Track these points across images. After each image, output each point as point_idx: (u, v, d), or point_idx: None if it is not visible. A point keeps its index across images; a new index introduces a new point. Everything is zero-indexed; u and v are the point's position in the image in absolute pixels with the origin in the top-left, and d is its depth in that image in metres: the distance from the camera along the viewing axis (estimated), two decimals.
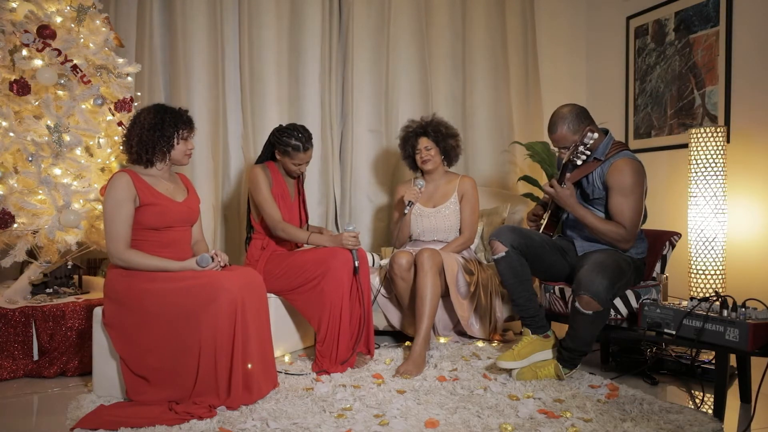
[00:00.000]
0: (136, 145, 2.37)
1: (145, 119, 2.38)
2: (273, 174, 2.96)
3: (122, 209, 2.29)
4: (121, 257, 2.29)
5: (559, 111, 2.61)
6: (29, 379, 2.67)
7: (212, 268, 2.34)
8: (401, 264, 2.93)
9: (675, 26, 3.81)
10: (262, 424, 2.06)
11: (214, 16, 3.68)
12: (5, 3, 2.89)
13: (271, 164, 2.99)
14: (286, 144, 2.87)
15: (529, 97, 4.33)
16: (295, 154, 2.88)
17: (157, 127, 2.36)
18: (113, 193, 2.30)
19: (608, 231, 2.53)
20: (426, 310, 2.77)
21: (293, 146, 2.86)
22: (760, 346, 2.14)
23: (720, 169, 3.17)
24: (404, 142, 3.32)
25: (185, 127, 2.43)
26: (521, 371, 2.50)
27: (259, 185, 2.87)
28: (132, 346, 2.27)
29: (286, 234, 2.84)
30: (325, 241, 2.80)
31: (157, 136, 2.36)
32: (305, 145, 2.88)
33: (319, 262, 2.71)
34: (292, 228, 2.86)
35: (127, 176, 2.33)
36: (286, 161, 2.92)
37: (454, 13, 4.15)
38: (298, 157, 2.89)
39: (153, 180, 2.41)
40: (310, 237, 2.82)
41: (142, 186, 2.35)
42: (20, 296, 2.86)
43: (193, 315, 2.20)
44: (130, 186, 2.31)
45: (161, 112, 2.39)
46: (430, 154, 3.23)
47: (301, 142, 2.86)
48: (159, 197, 2.38)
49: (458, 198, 3.27)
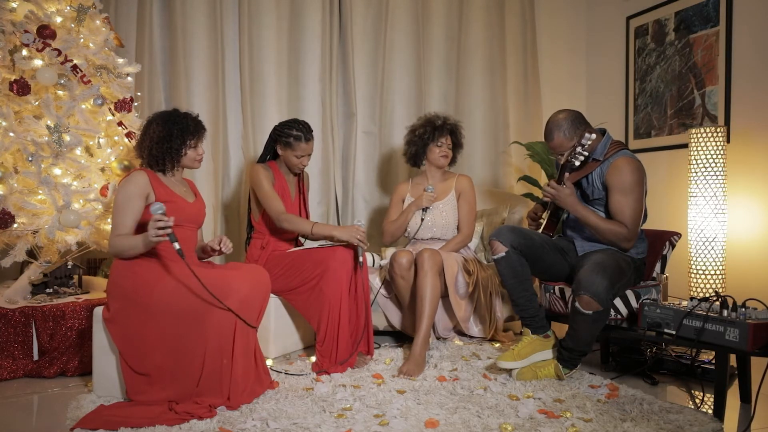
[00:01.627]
0: (147, 157, 2.47)
1: (154, 132, 2.45)
2: (274, 172, 2.99)
3: (131, 202, 2.34)
4: (110, 242, 2.33)
5: (554, 118, 2.62)
6: (29, 379, 2.67)
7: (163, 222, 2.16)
8: (402, 263, 2.93)
9: (675, 26, 3.81)
10: (262, 424, 2.06)
11: (214, 16, 3.69)
12: (5, 3, 2.89)
13: (272, 163, 3.02)
14: (288, 135, 2.91)
15: (528, 98, 4.33)
16: (297, 144, 2.91)
17: (165, 140, 2.43)
18: (128, 186, 2.37)
19: (609, 230, 2.53)
20: (426, 310, 2.77)
21: (295, 136, 2.90)
22: (760, 346, 2.14)
23: (720, 169, 3.17)
24: (430, 134, 3.23)
25: (193, 136, 2.49)
26: (521, 371, 2.50)
27: (261, 181, 2.89)
28: (135, 343, 2.27)
29: (291, 224, 2.84)
30: (332, 231, 2.78)
31: (165, 148, 2.44)
32: (306, 136, 2.92)
33: (318, 261, 2.72)
34: (297, 218, 2.87)
35: (146, 175, 2.41)
36: (288, 154, 2.94)
37: (451, 15, 4.14)
38: (300, 148, 2.92)
39: (169, 182, 2.49)
40: (314, 227, 2.80)
41: (158, 185, 2.43)
42: (20, 296, 2.86)
43: (201, 314, 2.21)
44: (147, 184, 2.39)
45: (169, 123, 2.45)
46: (449, 152, 3.28)
47: (302, 132, 2.91)
48: (174, 196, 2.45)
49: (456, 196, 3.28)
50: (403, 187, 3.40)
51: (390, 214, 3.36)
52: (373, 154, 4.02)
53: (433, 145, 3.26)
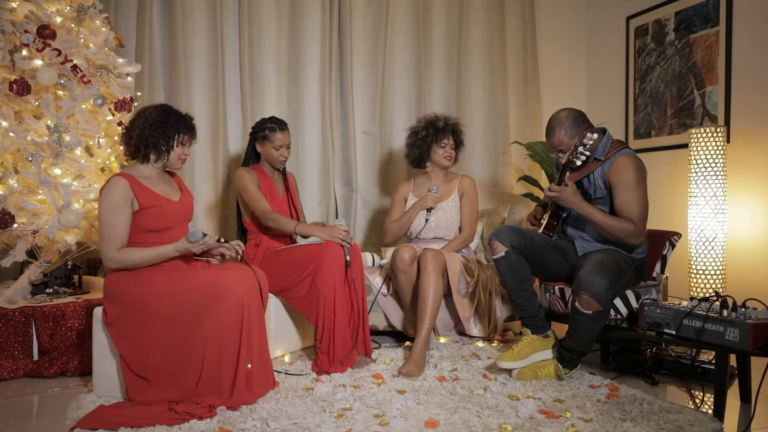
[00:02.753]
0: (136, 138, 2.36)
1: (150, 114, 2.38)
2: (259, 174, 3.04)
3: (118, 213, 2.28)
4: (114, 258, 2.28)
5: (557, 115, 2.62)
6: (29, 379, 2.67)
7: (205, 242, 2.29)
8: (404, 258, 2.94)
9: (675, 26, 3.81)
10: (262, 424, 2.06)
11: (214, 16, 3.68)
12: (5, 3, 2.89)
13: (256, 166, 3.10)
14: (263, 129, 3.02)
15: (528, 98, 4.33)
16: (272, 135, 2.99)
17: (160, 124, 2.36)
18: (109, 196, 2.28)
19: (616, 227, 2.50)
20: (428, 310, 2.77)
21: (269, 128, 3.00)
22: (760, 346, 2.14)
23: (720, 169, 3.17)
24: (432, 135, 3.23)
25: (187, 132, 2.44)
26: (521, 371, 2.50)
27: (245, 183, 2.94)
28: (133, 346, 2.26)
29: (275, 223, 2.87)
30: (314, 230, 2.80)
31: (159, 133, 2.36)
32: (280, 126, 3.02)
33: (311, 257, 2.72)
34: (282, 217, 2.89)
35: (125, 180, 2.31)
36: (267, 147, 3.02)
37: (452, 15, 4.14)
38: (277, 138, 2.99)
39: (149, 182, 2.40)
40: (297, 226, 2.83)
41: (139, 189, 2.33)
42: (20, 296, 2.86)
43: (198, 315, 2.20)
44: (128, 190, 2.30)
45: (167, 111, 2.40)
46: (453, 152, 3.29)
47: (276, 123, 3.02)
48: (157, 199, 2.38)
49: (459, 196, 3.29)
50: (405, 186, 3.41)
51: (392, 214, 3.36)
52: (373, 154, 4.02)
53: (436, 147, 3.25)
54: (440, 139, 3.24)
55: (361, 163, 4.00)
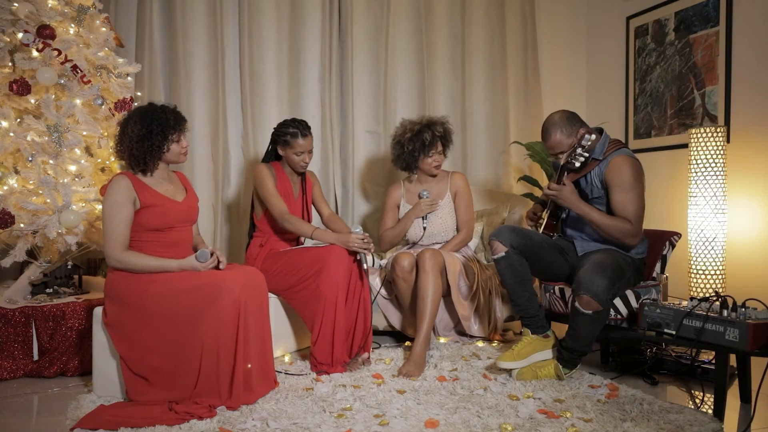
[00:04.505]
0: (128, 157, 2.36)
1: (133, 131, 2.33)
2: (277, 172, 3.01)
3: (121, 211, 2.28)
4: (118, 259, 2.28)
5: (550, 118, 2.63)
6: (29, 379, 2.67)
7: (211, 264, 2.33)
8: (403, 266, 2.93)
9: (675, 26, 3.81)
10: (262, 424, 2.06)
11: (214, 16, 3.68)
12: (5, 3, 2.89)
13: (276, 164, 3.05)
14: (285, 134, 2.95)
15: (529, 97, 4.33)
16: (294, 141, 2.93)
17: (145, 138, 2.32)
18: (112, 194, 2.29)
19: (613, 226, 2.51)
20: (427, 310, 2.76)
21: (291, 134, 2.93)
22: (760, 346, 2.14)
23: (720, 169, 3.17)
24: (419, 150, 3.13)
25: (174, 130, 2.38)
26: (521, 371, 2.50)
27: (264, 180, 2.91)
28: (133, 346, 2.27)
29: (292, 225, 2.84)
30: (331, 238, 2.78)
31: (146, 146, 2.32)
32: (303, 132, 2.94)
33: (315, 259, 2.71)
34: (299, 220, 2.87)
35: (127, 179, 2.32)
36: (288, 152, 2.97)
37: (454, 14, 4.14)
38: (298, 145, 2.94)
39: (153, 181, 2.40)
40: (315, 231, 2.80)
41: (142, 188, 2.34)
42: (20, 296, 2.86)
43: (196, 315, 2.20)
44: (130, 188, 2.30)
45: (147, 119, 2.33)
46: (441, 157, 3.21)
47: (298, 129, 2.94)
48: (160, 198, 2.38)
49: (452, 196, 3.26)
50: (396, 192, 3.33)
51: (386, 221, 3.29)
52: (376, 153, 4.02)
53: (424, 157, 3.15)
54: (428, 151, 3.14)
55: (365, 162, 3.99)
